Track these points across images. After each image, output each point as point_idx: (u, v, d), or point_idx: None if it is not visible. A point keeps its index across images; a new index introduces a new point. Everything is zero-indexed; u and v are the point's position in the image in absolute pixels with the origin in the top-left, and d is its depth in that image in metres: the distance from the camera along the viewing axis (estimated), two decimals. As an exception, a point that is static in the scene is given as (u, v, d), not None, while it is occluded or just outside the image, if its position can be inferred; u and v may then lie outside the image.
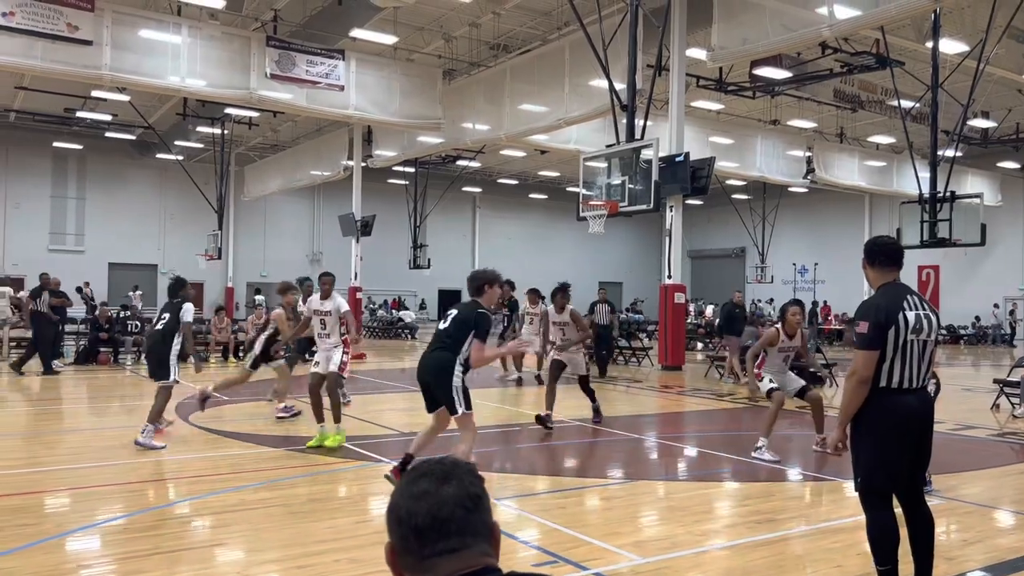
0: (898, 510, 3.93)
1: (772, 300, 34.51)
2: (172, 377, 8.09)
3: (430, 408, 6.00)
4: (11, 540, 4.88)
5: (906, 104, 20.47)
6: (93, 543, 5.10)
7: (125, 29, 16.69)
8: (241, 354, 18.22)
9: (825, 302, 34.13)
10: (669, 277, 17.43)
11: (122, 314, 19.47)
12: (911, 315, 3.81)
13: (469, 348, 5.73)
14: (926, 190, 18.96)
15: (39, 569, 4.49)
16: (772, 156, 27.22)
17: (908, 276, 4.14)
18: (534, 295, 13.85)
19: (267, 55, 17.89)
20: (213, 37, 18.07)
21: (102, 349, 16.64)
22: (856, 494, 3.99)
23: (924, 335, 3.83)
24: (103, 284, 31.98)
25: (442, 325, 5.98)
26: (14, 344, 18.60)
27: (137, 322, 18.26)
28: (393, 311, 33.87)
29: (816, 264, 36.14)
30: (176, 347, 8.15)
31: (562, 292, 9.92)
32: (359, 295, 27.81)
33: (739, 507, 6.30)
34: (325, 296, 8.26)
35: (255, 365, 9.73)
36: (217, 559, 4.87)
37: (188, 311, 8.25)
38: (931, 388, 4.25)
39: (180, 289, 8.49)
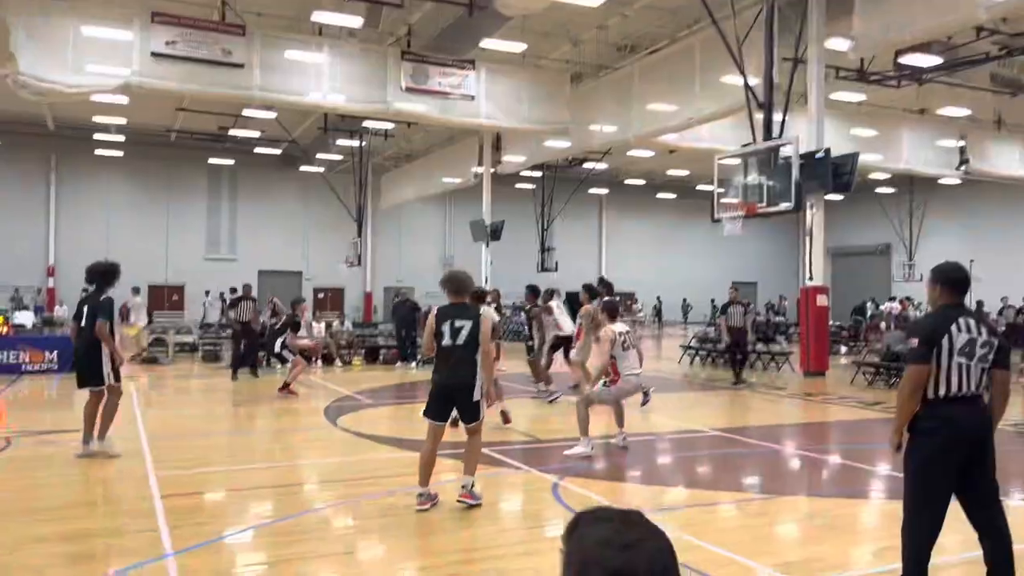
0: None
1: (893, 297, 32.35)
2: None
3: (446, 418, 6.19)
4: (188, 538, 5.28)
5: (1076, 86, 18.74)
6: (258, 544, 5.44)
7: (272, 51, 17.73)
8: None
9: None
10: (810, 279, 16.71)
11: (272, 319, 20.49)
12: (959, 337, 3.92)
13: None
14: (1101, 179, 17.32)
15: (216, 568, 4.85)
16: (920, 147, 25.55)
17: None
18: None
19: (402, 69, 18.53)
20: (352, 54, 18.92)
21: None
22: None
23: (975, 360, 3.93)
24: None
25: (453, 341, 5.90)
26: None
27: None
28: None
29: (972, 261, 33.57)
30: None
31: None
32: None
33: (895, 526, 5.95)
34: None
35: None
36: (377, 564, 5.10)
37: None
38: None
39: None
